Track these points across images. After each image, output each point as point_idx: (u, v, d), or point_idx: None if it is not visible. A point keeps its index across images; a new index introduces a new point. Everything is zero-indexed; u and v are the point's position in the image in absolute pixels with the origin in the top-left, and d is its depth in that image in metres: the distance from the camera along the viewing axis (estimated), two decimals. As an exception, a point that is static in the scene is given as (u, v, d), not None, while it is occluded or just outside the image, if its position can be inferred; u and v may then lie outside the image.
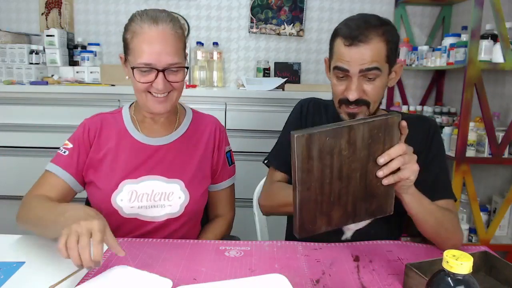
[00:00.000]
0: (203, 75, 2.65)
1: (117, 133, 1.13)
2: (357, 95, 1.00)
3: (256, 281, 0.77)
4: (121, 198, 1.08)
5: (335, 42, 1.03)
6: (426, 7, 2.70)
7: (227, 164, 1.23)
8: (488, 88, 1.96)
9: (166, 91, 1.05)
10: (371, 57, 0.98)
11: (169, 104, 1.07)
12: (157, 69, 1.01)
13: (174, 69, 1.03)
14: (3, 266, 0.87)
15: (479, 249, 0.92)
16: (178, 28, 1.05)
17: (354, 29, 0.99)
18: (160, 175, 1.10)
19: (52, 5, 2.72)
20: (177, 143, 1.15)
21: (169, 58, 1.01)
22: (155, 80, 1.02)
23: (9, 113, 2.29)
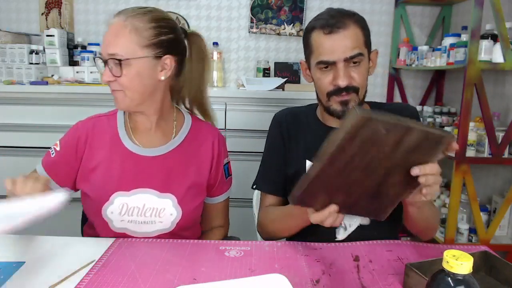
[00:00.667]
0: (203, 75, 2.65)
1: (109, 141, 1.08)
2: (347, 81, 1.02)
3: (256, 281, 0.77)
4: (112, 211, 1.04)
5: (312, 36, 1.05)
6: (426, 7, 2.70)
7: (225, 177, 1.19)
8: (488, 88, 1.96)
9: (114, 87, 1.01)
10: (352, 43, 1.01)
11: (123, 102, 1.02)
12: (101, 59, 0.99)
13: (116, 61, 0.97)
14: (3, 266, 0.87)
15: (479, 249, 0.92)
16: (140, 21, 0.99)
17: (329, 18, 1.02)
18: (152, 189, 1.06)
19: (52, 5, 2.72)
20: (172, 154, 1.09)
21: (110, 48, 0.98)
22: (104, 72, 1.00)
23: (9, 113, 2.29)
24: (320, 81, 1.06)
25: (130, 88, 1.00)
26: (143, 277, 0.84)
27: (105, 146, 1.08)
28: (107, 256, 0.93)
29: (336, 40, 1.00)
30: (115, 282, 0.81)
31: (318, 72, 1.05)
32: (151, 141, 1.09)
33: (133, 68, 0.98)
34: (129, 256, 0.93)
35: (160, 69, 1.03)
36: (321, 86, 1.07)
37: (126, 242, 1.01)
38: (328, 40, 1.01)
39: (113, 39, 0.98)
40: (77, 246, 0.98)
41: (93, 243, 1.00)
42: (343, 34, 1.00)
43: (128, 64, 0.98)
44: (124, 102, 1.02)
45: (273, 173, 1.19)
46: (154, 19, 1.01)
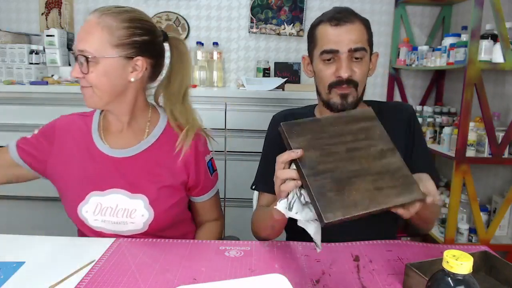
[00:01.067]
0: (203, 75, 2.65)
1: (82, 140, 1.09)
2: (349, 72, 1.03)
3: (256, 281, 0.77)
4: (86, 210, 1.04)
5: (318, 29, 1.07)
6: (426, 7, 2.70)
7: (209, 174, 1.16)
8: (488, 88, 1.96)
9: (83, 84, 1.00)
10: (357, 37, 1.03)
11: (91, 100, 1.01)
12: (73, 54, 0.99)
13: (84, 58, 0.96)
14: (3, 266, 0.87)
15: (479, 249, 0.92)
16: (114, 21, 0.98)
17: (336, 13, 1.05)
18: (124, 189, 1.05)
19: (52, 5, 2.72)
20: (144, 155, 1.07)
21: (80, 44, 0.97)
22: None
23: (9, 113, 2.29)
24: (322, 73, 1.07)
25: (98, 86, 0.99)
26: (143, 277, 0.84)
27: (78, 145, 1.08)
28: (107, 256, 0.93)
29: (342, 32, 1.03)
30: (115, 282, 0.81)
31: (321, 63, 1.07)
32: (122, 142, 1.09)
33: (101, 66, 0.97)
34: (129, 256, 0.93)
35: (131, 70, 1.01)
36: (323, 77, 1.07)
37: (126, 242, 1.01)
38: (334, 31, 1.03)
39: (84, 36, 0.97)
40: (77, 246, 0.98)
41: (93, 243, 1.00)
42: (349, 27, 1.03)
43: (96, 62, 0.97)
44: (92, 99, 1.01)
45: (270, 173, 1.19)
46: (129, 20, 1.00)
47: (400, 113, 1.17)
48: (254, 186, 1.23)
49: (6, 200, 2.33)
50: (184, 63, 1.13)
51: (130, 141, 1.09)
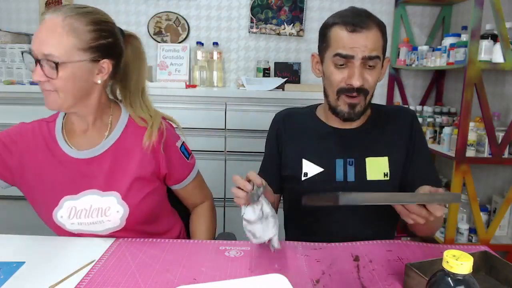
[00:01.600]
0: (203, 75, 2.65)
1: (47, 145, 1.06)
2: (361, 81, 1.02)
3: (256, 281, 0.77)
4: (61, 215, 1.03)
5: (332, 31, 1.04)
6: (426, 7, 2.70)
7: (185, 159, 1.15)
8: (488, 88, 1.96)
9: (46, 87, 0.97)
10: (373, 45, 1.01)
11: (55, 104, 0.99)
12: (34, 57, 0.95)
13: (50, 62, 0.93)
14: (3, 266, 0.87)
15: (479, 249, 0.92)
16: (80, 23, 0.95)
17: (353, 17, 1.01)
18: (96, 189, 1.04)
19: (52, 5, 2.72)
20: (110, 152, 1.06)
21: (44, 47, 0.93)
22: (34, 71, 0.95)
23: (9, 113, 2.28)
24: (333, 77, 1.05)
25: (64, 90, 0.97)
26: (143, 277, 0.84)
27: (43, 152, 1.06)
28: (107, 256, 0.93)
29: (358, 38, 1.00)
30: (115, 282, 0.81)
31: (332, 66, 1.05)
32: (88, 141, 1.07)
33: (68, 71, 0.95)
34: (129, 256, 0.93)
35: (97, 72, 1.00)
36: (333, 81, 1.06)
37: (126, 242, 1.01)
38: (349, 37, 1.00)
39: (48, 38, 0.93)
40: (77, 246, 0.98)
41: (93, 243, 1.00)
42: (366, 34, 1.00)
43: (64, 66, 0.94)
44: (56, 103, 0.98)
45: (269, 171, 1.20)
46: (94, 22, 0.98)
47: (402, 117, 1.16)
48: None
49: (6, 200, 2.33)
50: (140, 60, 1.12)
51: (95, 140, 1.07)
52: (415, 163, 1.12)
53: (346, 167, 1.11)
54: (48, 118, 1.12)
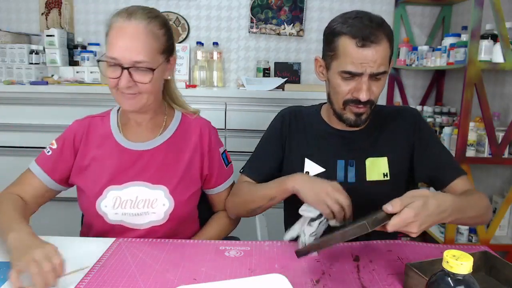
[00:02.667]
0: (203, 75, 2.65)
1: (102, 138, 1.10)
2: (368, 96, 1.01)
3: (256, 281, 0.77)
4: (105, 204, 1.06)
5: (340, 42, 1.01)
6: (426, 7, 2.70)
7: (224, 165, 1.20)
8: (488, 88, 1.96)
9: (134, 91, 1.00)
10: (381, 60, 1.00)
11: (139, 104, 1.03)
12: (121, 66, 0.97)
13: (142, 69, 0.98)
14: (3, 266, 0.87)
15: (479, 249, 0.92)
16: (157, 28, 1.00)
17: (363, 28, 0.98)
18: (144, 181, 1.08)
19: (52, 5, 2.72)
20: (162, 147, 1.11)
21: (135, 55, 0.96)
22: (120, 77, 0.98)
23: (9, 113, 2.29)
24: (340, 88, 1.04)
25: (149, 91, 1.02)
26: (143, 277, 0.84)
27: (99, 144, 1.10)
28: (107, 256, 0.93)
29: (367, 54, 0.98)
30: (115, 282, 0.81)
31: (339, 78, 1.03)
32: (142, 135, 1.11)
33: (155, 74, 1.00)
34: (129, 256, 0.93)
35: (167, 69, 1.07)
36: (339, 92, 1.05)
37: (126, 242, 1.01)
38: (359, 52, 0.98)
39: (137, 46, 0.97)
40: (77, 246, 0.98)
41: (93, 243, 1.00)
42: (375, 49, 0.98)
43: (151, 71, 0.99)
44: (140, 104, 1.03)
45: (262, 162, 1.20)
46: (164, 24, 1.04)
47: (403, 116, 1.16)
48: (242, 170, 1.23)
49: (6, 200, 2.33)
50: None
51: (149, 134, 1.12)
52: (430, 157, 1.11)
53: (347, 168, 1.12)
54: (102, 113, 1.16)
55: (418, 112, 1.19)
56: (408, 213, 0.77)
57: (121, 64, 0.97)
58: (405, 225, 0.78)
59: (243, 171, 1.22)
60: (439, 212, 0.83)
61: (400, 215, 0.78)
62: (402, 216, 0.77)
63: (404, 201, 0.79)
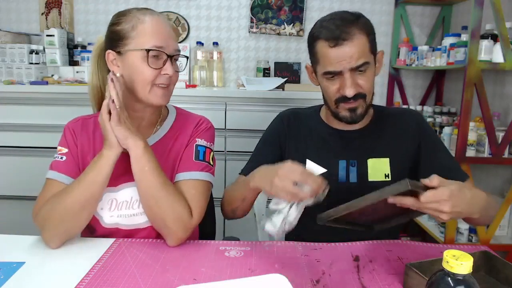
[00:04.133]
0: (203, 75, 2.65)
1: (95, 139, 1.09)
2: (354, 90, 1.02)
3: (256, 281, 0.77)
4: (101, 207, 1.05)
5: (317, 46, 1.05)
6: (426, 7, 2.70)
7: (192, 156, 1.08)
8: (488, 88, 1.96)
9: (169, 82, 1.04)
10: (358, 54, 1.01)
11: (168, 96, 1.06)
12: (166, 54, 1.01)
13: (177, 57, 1.05)
14: (3, 266, 0.87)
15: (479, 249, 0.92)
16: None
17: (334, 29, 1.01)
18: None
19: (52, 5, 2.72)
20: (156, 147, 1.08)
21: (176, 44, 1.04)
22: (164, 66, 1.01)
23: (9, 113, 2.29)
24: (328, 89, 1.07)
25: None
26: (143, 277, 0.84)
27: (92, 144, 1.09)
28: (107, 256, 0.93)
29: (342, 52, 1.00)
30: (115, 282, 0.81)
31: (325, 80, 1.06)
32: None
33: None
34: (129, 256, 0.93)
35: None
36: (329, 93, 1.08)
37: (126, 242, 1.01)
38: (333, 52, 1.01)
39: (175, 36, 1.05)
40: (77, 246, 0.98)
41: (93, 243, 1.00)
42: (348, 45, 1.00)
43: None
44: (169, 95, 1.07)
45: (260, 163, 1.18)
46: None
47: (405, 118, 1.17)
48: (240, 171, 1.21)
49: (6, 200, 2.33)
50: None
51: (144, 132, 1.09)
52: (437, 161, 1.12)
53: (349, 168, 1.12)
54: (91, 115, 1.15)
55: (421, 115, 1.21)
56: (443, 191, 0.77)
57: (166, 52, 1.01)
58: (437, 201, 0.78)
59: (241, 171, 1.21)
60: (472, 203, 0.84)
61: (435, 190, 0.78)
62: (437, 192, 0.77)
63: (442, 181, 0.79)
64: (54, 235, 0.97)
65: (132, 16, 1.02)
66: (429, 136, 1.15)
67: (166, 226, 0.99)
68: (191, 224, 1.00)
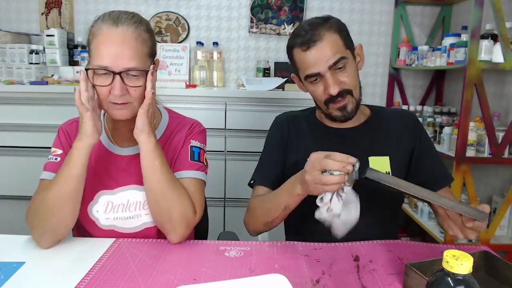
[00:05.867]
0: (203, 75, 2.65)
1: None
2: (337, 87, 1.04)
3: (256, 281, 0.77)
4: (97, 209, 1.05)
5: (293, 54, 1.09)
6: (426, 7, 2.70)
7: (188, 156, 1.09)
8: (488, 88, 1.96)
9: (125, 100, 0.96)
10: (331, 51, 1.03)
11: (130, 113, 0.99)
12: (113, 72, 0.93)
13: (133, 74, 0.95)
14: (3, 266, 0.87)
15: (479, 249, 0.92)
16: (143, 32, 0.98)
17: (304, 34, 1.05)
18: (134, 184, 1.06)
19: (52, 5, 2.72)
20: None
21: (127, 61, 0.94)
22: (112, 83, 0.94)
23: (9, 113, 2.29)
24: (315, 93, 1.10)
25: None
26: (143, 277, 0.84)
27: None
28: (107, 256, 0.93)
29: (315, 53, 1.03)
30: (115, 282, 0.81)
31: (309, 85, 1.10)
32: (129, 140, 1.07)
33: (144, 79, 0.98)
34: (129, 256, 0.93)
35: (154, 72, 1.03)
36: (316, 96, 1.11)
37: (126, 242, 1.01)
38: (307, 55, 1.04)
39: (128, 52, 0.94)
40: (77, 246, 0.98)
41: (93, 243, 1.00)
42: (320, 45, 1.03)
43: (143, 76, 0.97)
44: (131, 112, 0.99)
45: (270, 168, 1.20)
46: (148, 28, 1.01)
47: (403, 119, 1.19)
48: (252, 181, 1.22)
49: (6, 200, 2.33)
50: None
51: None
52: (426, 163, 1.15)
53: None
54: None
55: (416, 116, 1.23)
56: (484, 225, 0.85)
57: (113, 71, 0.94)
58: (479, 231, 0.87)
59: (254, 182, 1.20)
60: None
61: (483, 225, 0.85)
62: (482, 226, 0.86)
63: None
64: (42, 233, 0.96)
65: (95, 25, 0.97)
66: (425, 140, 1.18)
67: (170, 221, 1.00)
68: (194, 220, 1.03)
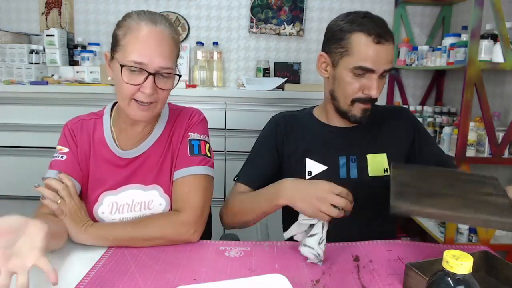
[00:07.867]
0: (203, 75, 2.65)
1: (96, 142, 1.08)
2: (378, 93, 1.04)
3: (256, 281, 0.77)
4: (102, 211, 1.05)
5: (354, 38, 1.02)
6: (426, 7, 2.70)
7: (187, 151, 1.06)
8: (488, 88, 1.96)
9: (152, 100, 0.96)
10: (391, 57, 1.04)
11: (152, 114, 1.00)
12: (147, 71, 0.93)
13: (165, 75, 0.96)
14: (3, 266, 0.87)
15: (479, 249, 0.92)
16: (175, 34, 0.99)
17: (376, 27, 1.01)
18: (138, 183, 1.06)
19: (52, 5, 2.72)
20: (152, 148, 1.08)
21: (162, 61, 0.94)
22: (144, 83, 0.93)
23: (9, 113, 2.29)
24: (350, 86, 1.05)
25: (165, 100, 1.00)
26: (143, 277, 0.84)
27: (92, 147, 1.08)
28: (107, 256, 0.93)
29: (382, 51, 1.01)
30: (115, 282, 0.81)
31: (350, 75, 1.04)
32: (133, 140, 1.08)
33: (172, 82, 0.98)
34: (129, 256, 0.93)
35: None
36: (348, 90, 1.06)
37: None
38: (375, 49, 1.01)
39: (165, 51, 0.95)
40: (77, 246, 0.98)
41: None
42: (388, 47, 1.02)
43: (172, 78, 0.98)
44: (153, 113, 1.01)
45: (257, 169, 1.18)
46: (176, 31, 1.02)
47: (398, 115, 1.21)
48: (236, 178, 1.20)
49: (6, 200, 2.33)
50: None
51: (140, 137, 1.08)
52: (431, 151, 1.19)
53: (349, 164, 1.13)
54: (97, 112, 1.13)
55: (409, 110, 1.26)
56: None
57: (147, 69, 0.93)
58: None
59: (238, 179, 1.18)
60: None
61: None
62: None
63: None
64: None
65: (130, 20, 0.96)
66: (421, 130, 1.21)
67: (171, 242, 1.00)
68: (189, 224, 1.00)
